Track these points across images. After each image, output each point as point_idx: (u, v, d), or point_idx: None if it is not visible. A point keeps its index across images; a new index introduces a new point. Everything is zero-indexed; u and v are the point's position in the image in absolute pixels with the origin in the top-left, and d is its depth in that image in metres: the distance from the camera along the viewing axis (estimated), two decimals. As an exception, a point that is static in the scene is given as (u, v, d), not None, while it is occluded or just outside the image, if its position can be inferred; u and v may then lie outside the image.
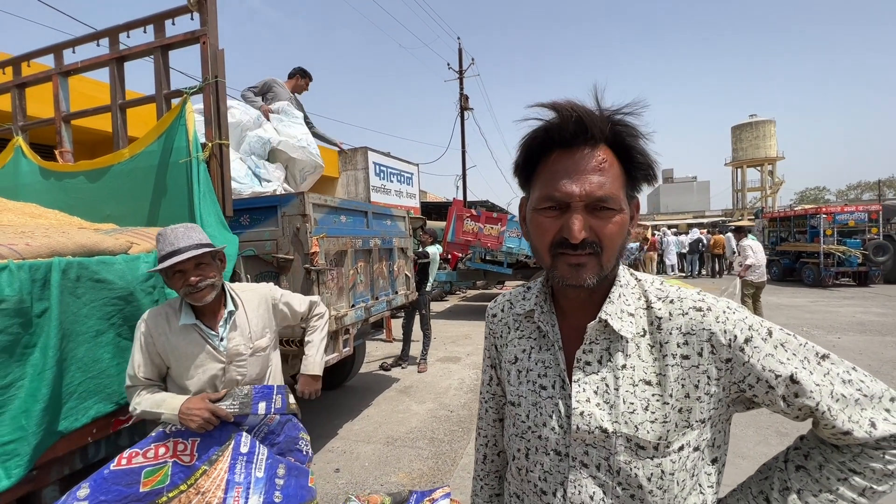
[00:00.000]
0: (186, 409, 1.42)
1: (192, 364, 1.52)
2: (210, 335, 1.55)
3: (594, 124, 0.61)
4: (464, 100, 17.53)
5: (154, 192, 2.33)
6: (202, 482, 1.41)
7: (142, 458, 1.40)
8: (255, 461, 1.50)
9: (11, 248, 1.38)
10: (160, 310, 1.55)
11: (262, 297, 1.71)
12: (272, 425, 1.61)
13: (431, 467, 3.31)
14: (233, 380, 1.58)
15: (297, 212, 3.19)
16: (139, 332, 1.51)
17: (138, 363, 1.50)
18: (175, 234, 1.48)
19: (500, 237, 8.35)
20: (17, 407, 1.33)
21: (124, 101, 2.45)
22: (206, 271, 1.49)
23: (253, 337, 1.62)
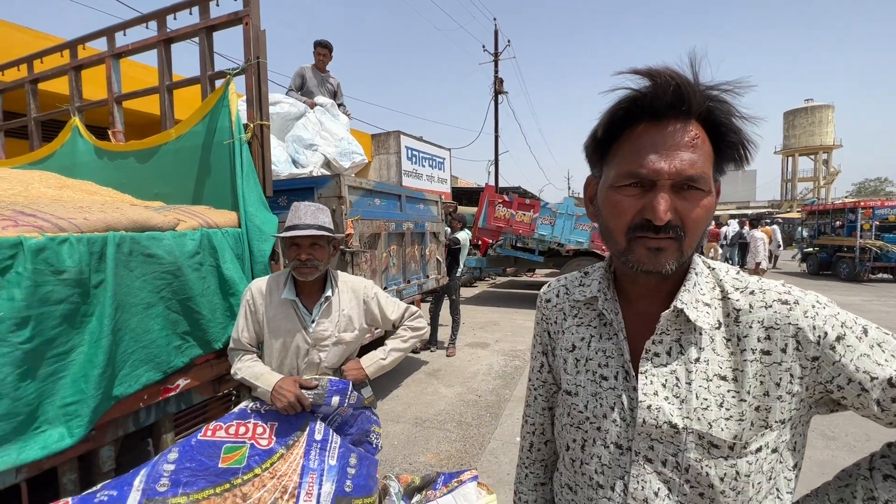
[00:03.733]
0: (279, 387, 1.52)
1: (282, 338, 1.64)
2: (304, 314, 1.66)
3: (694, 95, 0.56)
4: (498, 83, 17.18)
5: (199, 172, 2.40)
6: (279, 466, 1.48)
7: (224, 433, 1.48)
8: (328, 449, 1.56)
9: (71, 221, 1.45)
10: (266, 280, 1.69)
11: (356, 291, 1.77)
12: (346, 416, 1.68)
13: (459, 450, 3.34)
14: (313, 362, 1.67)
15: (333, 193, 3.23)
16: (244, 299, 1.67)
17: (241, 328, 1.66)
18: (305, 211, 1.63)
19: (533, 224, 8.22)
20: (77, 371, 1.41)
21: (171, 83, 2.52)
22: (318, 253, 1.61)
23: (339, 327, 1.69)
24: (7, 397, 1.23)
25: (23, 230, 1.32)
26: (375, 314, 1.81)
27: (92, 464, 1.59)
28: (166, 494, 1.38)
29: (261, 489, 1.47)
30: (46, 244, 1.33)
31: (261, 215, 2.16)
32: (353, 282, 1.79)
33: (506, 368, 5.20)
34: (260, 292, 1.65)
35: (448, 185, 16.58)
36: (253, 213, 2.11)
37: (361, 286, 1.80)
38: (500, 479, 2.94)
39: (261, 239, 2.10)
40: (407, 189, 4.40)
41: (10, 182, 2.03)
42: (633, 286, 0.70)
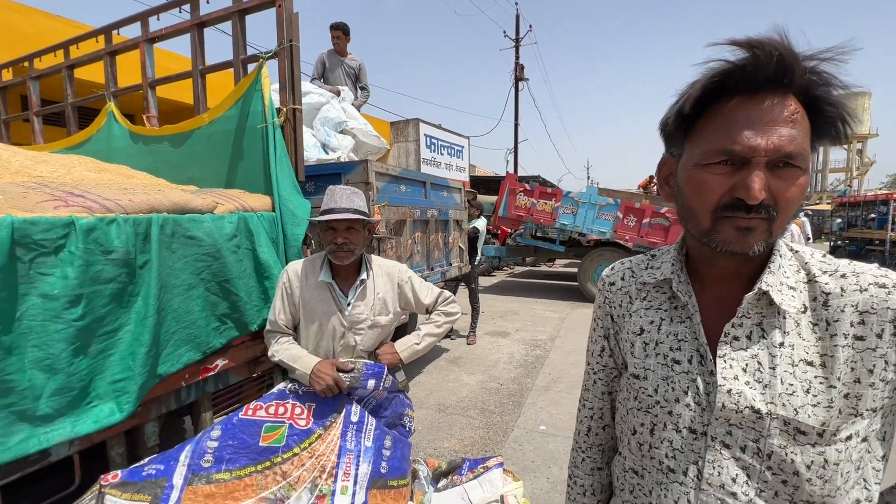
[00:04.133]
0: (318, 370, 1.54)
1: (318, 321, 1.65)
2: (340, 297, 1.67)
3: (797, 67, 0.53)
4: (519, 70, 16.88)
5: (232, 156, 2.42)
6: (317, 446, 1.50)
7: (264, 412, 1.51)
8: (364, 430, 1.58)
9: (117, 202, 1.47)
10: (302, 263, 1.70)
11: (390, 274, 1.78)
12: (380, 399, 1.70)
13: (483, 436, 3.36)
14: (349, 345, 1.68)
15: (361, 179, 3.22)
16: (281, 281, 1.68)
17: (278, 310, 1.68)
18: (341, 195, 1.62)
19: (554, 213, 8.11)
20: (125, 349, 1.44)
21: (204, 67, 2.53)
22: (353, 237, 1.61)
23: (375, 310, 1.70)
24: (62, 372, 1.27)
25: (73, 210, 1.35)
26: (409, 298, 1.80)
27: (137, 439, 1.64)
28: (210, 470, 1.42)
29: (300, 468, 1.49)
30: (96, 224, 1.35)
31: (294, 199, 2.16)
32: (388, 265, 1.79)
33: (527, 357, 5.19)
34: (296, 275, 1.66)
35: (466, 173, 16.47)
36: (286, 198, 2.12)
37: (396, 270, 1.79)
38: (525, 467, 2.94)
39: (294, 223, 2.11)
40: (432, 176, 4.37)
41: (52, 165, 2.07)
42: (711, 268, 0.67)
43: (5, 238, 1.15)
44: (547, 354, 5.29)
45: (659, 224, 7.50)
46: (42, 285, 1.25)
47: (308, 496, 1.45)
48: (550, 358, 5.15)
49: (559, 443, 3.22)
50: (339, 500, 1.46)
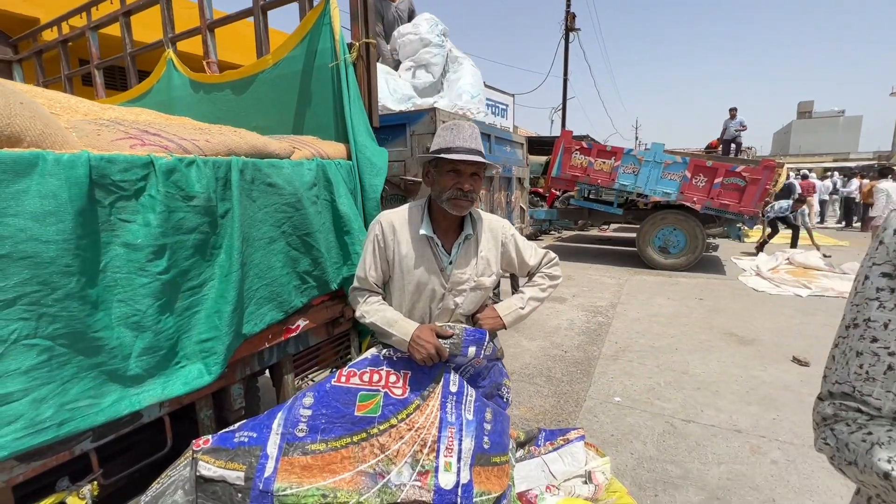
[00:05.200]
0: (418, 336, 1.36)
1: (415, 280, 1.45)
2: (442, 254, 1.46)
3: None
4: (570, 18, 15.63)
5: (299, 101, 2.21)
6: (416, 417, 1.35)
7: (358, 379, 1.36)
8: (464, 402, 1.41)
9: (194, 143, 1.31)
10: (398, 213, 1.49)
11: (493, 230, 1.56)
12: (479, 368, 1.52)
13: (553, 405, 3.19)
14: (447, 308, 1.49)
15: (427, 130, 2.96)
16: (373, 234, 1.47)
17: (369, 265, 1.48)
18: (472, 133, 1.40)
19: (613, 173, 7.56)
20: (210, 307, 1.31)
21: (265, 2, 2.30)
22: (477, 184, 1.40)
23: (478, 270, 1.49)
24: (149, 330, 1.15)
25: (151, 149, 1.19)
26: (512, 258, 1.58)
27: (223, 401, 1.54)
28: (305, 440, 1.29)
29: (398, 441, 1.35)
30: (175, 165, 1.19)
31: (371, 147, 1.95)
32: (491, 220, 1.56)
33: (588, 324, 4.93)
34: (391, 227, 1.46)
35: (511, 134, 15.79)
36: (363, 144, 1.90)
37: (500, 226, 1.56)
38: (605, 441, 2.75)
39: (373, 172, 1.90)
40: (497, 129, 4.04)
41: (119, 112, 1.95)
42: None
43: (83, 176, 0.99)
44: (610, 322, 5.00)
45: (733, 184, 6.82)
46: (124, 233, 1.10)
47: (409, 471, 1.31)
48: (614, 326, 4.86)
49: (638, 416, 3.00)
50: (443, 478, 1.31)
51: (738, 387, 3.38)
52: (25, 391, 0.92)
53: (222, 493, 1.20)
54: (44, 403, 0.94)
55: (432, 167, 1.44)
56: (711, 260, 8.36)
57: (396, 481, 1.27)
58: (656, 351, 4.10)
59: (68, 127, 1.19)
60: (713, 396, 3.24)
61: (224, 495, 1.20)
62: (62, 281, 0.96)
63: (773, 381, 3.46)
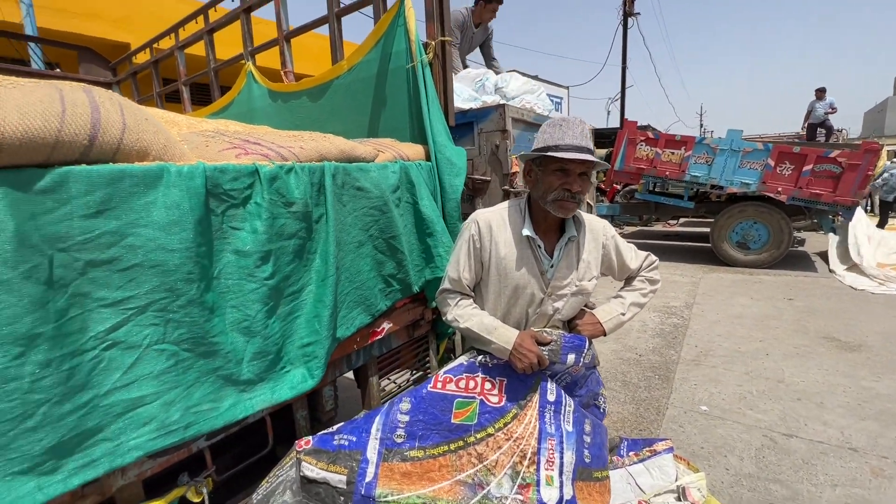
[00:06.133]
0: (519, 345, 1.30)
1: (514, 283, 1.39)
2: (543, 257, 1.40)
3: None
4: (628, 2, 14.88)
5: (374, 104, 2.23)
6: (513, 427, 1.30)
7: (454, 385, 1.34)
8: (562, 412, 1.34)
9: (290, 150, 1.33)
10: (494, 213, 1.44)
11: (594, 232, 1.47)
12: (576, 376, 1.44)
13: (632, 413, 3.01)
14: (545, 314, 1.43)
15: (497, 127, 2.89)
16: (468, 233, 1.42)
17: (464, 266, 1.42)
18: (581, 130, 1.31)
19: (683, 164, 7.07)
20: (309, 311, 1.34)
21: (340, 9, 2.34)
22: (585, 185, 1.31)
23: (579, 274, 1.42)
24: (259, 335, 1.18)
25: (254, 158, 1.22)
26: (612, 261, 1.48)
27: (316, 402, 1.57)
28: (403, 446, 1.28)
29: (496, 451, 1.30)
30: (277, 173, 1.21)
31: (450, 147, 1.91)
32: (591, 221, 1.47)
33: (662, 326, 4.63)
34: (488, 227, 1.41)
35: (566, 127, 15.30)
36: (442, 144, 1.87)
37: (600, 227, 1.47)
38: (694, 454, 2.55)
39: (453, 172, 1.87)
40: (563, 122, 3.87)
41: (211, 125, 2.05)
42: None
43: (200, 186, 1.03)
44: (686, 323, 4.67)
45: (826, 172, 6.14)
46: (234, 240, 1.14)
47: (510, 484, 1.25)
48: (692, 328, 4.53)
49: (729, 428, 2.76)
50: (545, 492, 1.24)
51: (847, 398, 3.02)
52: (157, 394, 0.97)
53: (325, 495, 1.22)
54: (172, 407, 0.99)
55: (536, 165, 1.36)
56: (798, 256, 7.60)
57: (497, 493, 1.23)
58: (744, 356, 3.77)
59: (179, 139, 1.25)
60: (817, 409, 2.92)
61: (327, 497, 1.21)
62: (185, 288, 1.00)
63: (891, 393, 3.06)
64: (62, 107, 0.84)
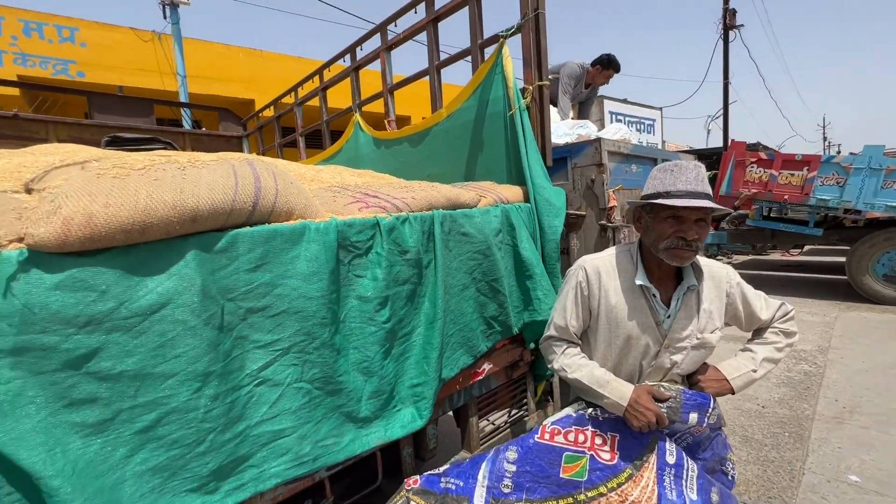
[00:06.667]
0: (636, 402, 1.24)
1: (626, 333, 1.34)
2: (658, 306, 1.34)
3: None
4: (729, 16, 13.90)
5: (471, 148, 2.33)
6: (628, 489, 1.24)
7: (562, 438, 1.31)
8: (684, 476, 1.25)
9: (403, 200, 1.44)
10: (603, 260, 1.41)
11: (716, 279, 1.38)
12: (698, 437, 1.34)
13: (759, 475, 2.62)
14: (661, 367, 1.35)
15: (592, 162, 2.84)
16: (575, 279, 1.41)
17: (570, 313, 1.40)
18: (696, 174, 1.25)
19: (807, 186, 6.25)
20: (418, 353, 1.40)
21: (440, 62, 2.52)
22: (703, 232, 1.25)
23: (700, 325, 1.33)
24: (376, 375, 1.26)
25: (373, 211, 1.34)
26: (739, 311, 1.36)
27: (420, 440, 1.62)
28: (510, 497, 1.26)
29: None
30: (394, 224, 1.32)
31: (548, 187, 1.92)
32: (713, 268, 1.37)
33: (790, 373, 4.03)
34: (596, 273, 1.38)
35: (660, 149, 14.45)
36: (541, 186, 1.89)
37: (724, 273, 1.37)
38: (846, 535, 2.14)
39: (552, 213, 1.87)
40: (663, 151, 3.70)
41: (327, 173, 2.29)
42: None
43: (333, 240, 1.16)
44: (821, 371, 4.01)
45: None
46: (358, 287, 1.25)
47: (626, 551, 1.17)
48: (829, 377, 3.88)
49: (893, 507, 2.28)
50: (667, 567, 1.13)
51: None
52: (294, 428, 1.08)
53: (433, 538, 1.23)
54: (304, 440, 1.10)
55: (645, 212, 1.32)
56: (973, 292, 6.18)
57: (612, 560, 1.15)
58: (906, 417, 3.12)
59: (311, 195, 1.42)
60: None
61: (435, 540, 1.23)
62: (319, 331, 1.12)
63: None
64: (235, 180, 1.01)
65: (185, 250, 0.92)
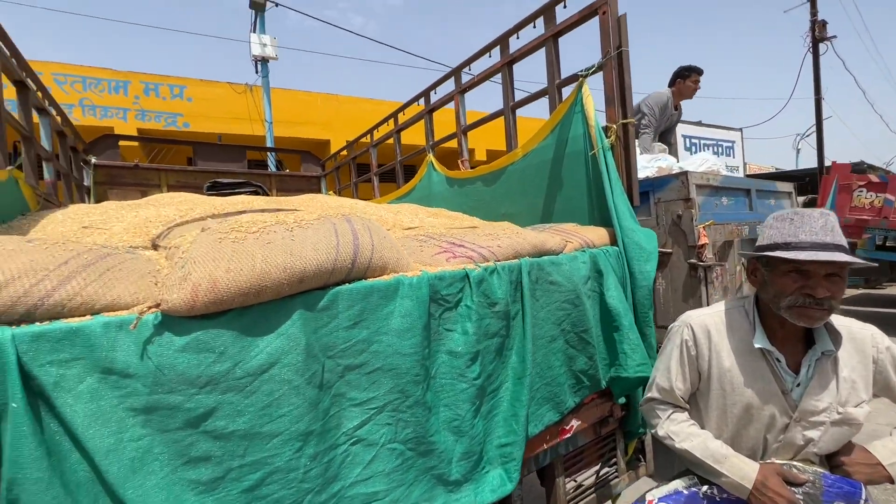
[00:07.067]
0: (763, 485, 1.08)
1: (744, 402, 1.18)
2: (785, 374, 1.18)
3: None
4: (818, 27, 12.84)
5: (549, 187, 2.28)
6: None
7: None
8: None
9: (489, 249, 1.41)
10: (712, 317, 1.27)
11: (858, 342, 1.19)
12: None
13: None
14: (792, 443, 1.18)
15: (678, 196, 2.66)
16: (679, 338, 1.28)
17: (676, 374, 1.27)
18: (824, 223, 1.09)
19: (934, 212, 5.41)
20: (506, 410, 1.34)
21: (515, 102, 2.53)
22: (837, 289, 1.08)
23: (841, 398, 1.15)
24: (466, 435, 1.21)
25: (461, 261, 1.33)
26: (891, 380, 1.16)
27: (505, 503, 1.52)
28: None
29: None
30: (483, 275, 1.29)
31: (637, 230, 1.81)
32: (853, 329, 1.19)
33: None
34: (705, 332, 1.24)
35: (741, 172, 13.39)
36: (630, 228, 1.78)
37: (868, 336, 1.18)
38: None
39: (643, 258, 1.75)
40: (757, 181, 3.40)
41: (405, 214, 2.34)
42: None
43: (425, 295, 1.15)
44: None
45: None
46: (448, 342, 1.22)
47: None
48: None
49: None
50: None
51: None
52: (386, 492, 1.05)
53: None
54: None
55: (762, 265, 1.18)
56: None
57: None
58: None
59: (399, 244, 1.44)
60: None
61: None
62: (413, 389, 1.10)
63: None
64: (336, 239, 1.05)
65: (292, 310, 0.95)
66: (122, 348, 0.78)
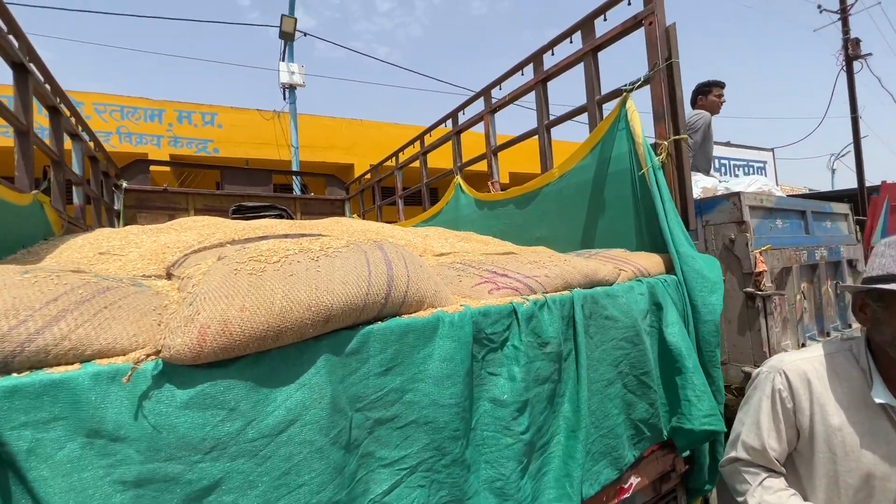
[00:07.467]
0: None
1: (863, 469, 0.97)
2: None
3: None
4: (851, 45, 12.47)
5: (589, 209, 2.11)
6: None
7: None
8: None
9: (536, 279, 1.25)
10: (810, 362, 1.06)
11: None
12: None
13: None
14: None
15: (730, 219, 2.44)
16: (770, 387, 1.07)
17: (768, 431, 1.06)
18: None
19: None
20: (558, 467, 1.14)
21: (550, 121, 2.39)
22: None
23: None
24: (511, 499, 1.02)
25: (505, 293, 1.16)
26: None
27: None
28: None
29: None
30: (533, 311, 1.12)
31: (697, 256, 1.62)
32: None
33: None
34: (804, 381, 1.03)
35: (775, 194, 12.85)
36: (688, 255, 1.59)
37: None
38: None
39: (706, 288, 1.54)
40: (814, 201, 3.15)
41: (434, 239, 2.20)
42: None
43: (468, 335, 0.99)
44: None
45: None
46: (491, 388, 1.05)
47: None
48: None
49: None
50: None
51: None
52: (422, 572, 0.87)
53: None
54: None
55: (871, 299, 0.98)
56: None
57: None
58: None
59: (435, 273, 1.29)
60: None
61: None
62: (451, 446, 0.93)
63: None
64: (368, 270, 0.90)
65: (317, 355, 0.80)
66: (113, 405, 0.65)
